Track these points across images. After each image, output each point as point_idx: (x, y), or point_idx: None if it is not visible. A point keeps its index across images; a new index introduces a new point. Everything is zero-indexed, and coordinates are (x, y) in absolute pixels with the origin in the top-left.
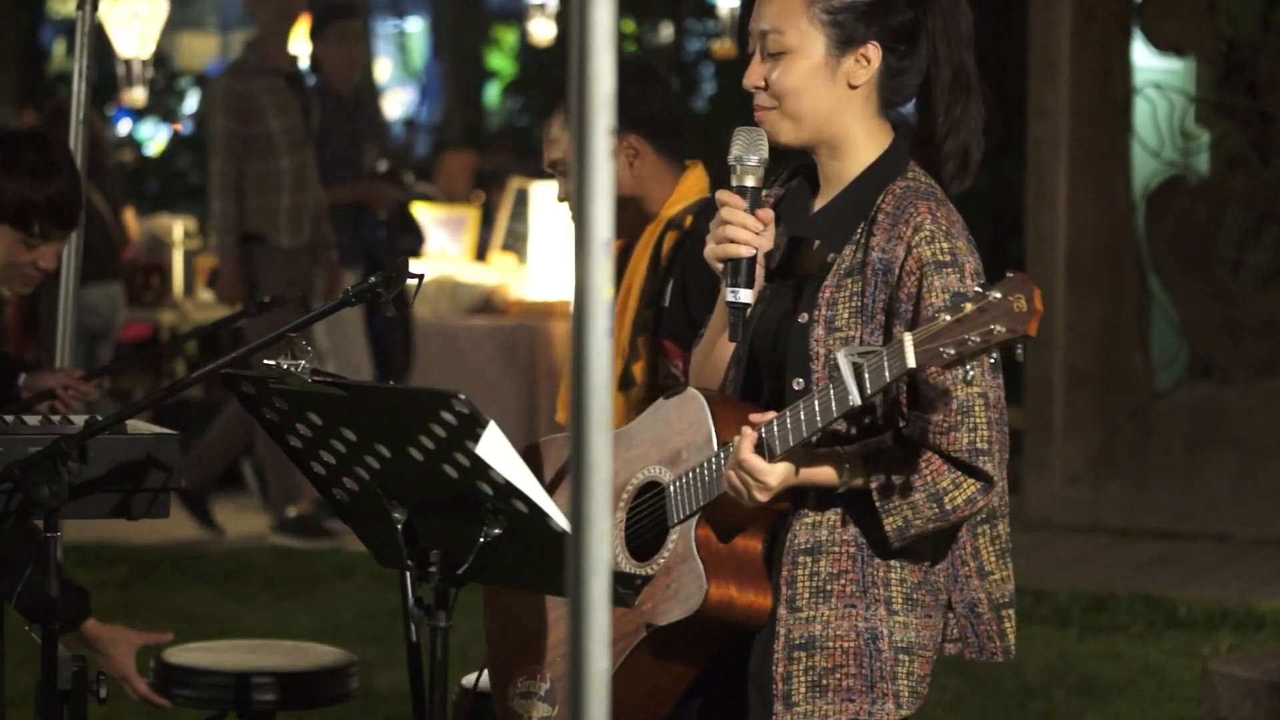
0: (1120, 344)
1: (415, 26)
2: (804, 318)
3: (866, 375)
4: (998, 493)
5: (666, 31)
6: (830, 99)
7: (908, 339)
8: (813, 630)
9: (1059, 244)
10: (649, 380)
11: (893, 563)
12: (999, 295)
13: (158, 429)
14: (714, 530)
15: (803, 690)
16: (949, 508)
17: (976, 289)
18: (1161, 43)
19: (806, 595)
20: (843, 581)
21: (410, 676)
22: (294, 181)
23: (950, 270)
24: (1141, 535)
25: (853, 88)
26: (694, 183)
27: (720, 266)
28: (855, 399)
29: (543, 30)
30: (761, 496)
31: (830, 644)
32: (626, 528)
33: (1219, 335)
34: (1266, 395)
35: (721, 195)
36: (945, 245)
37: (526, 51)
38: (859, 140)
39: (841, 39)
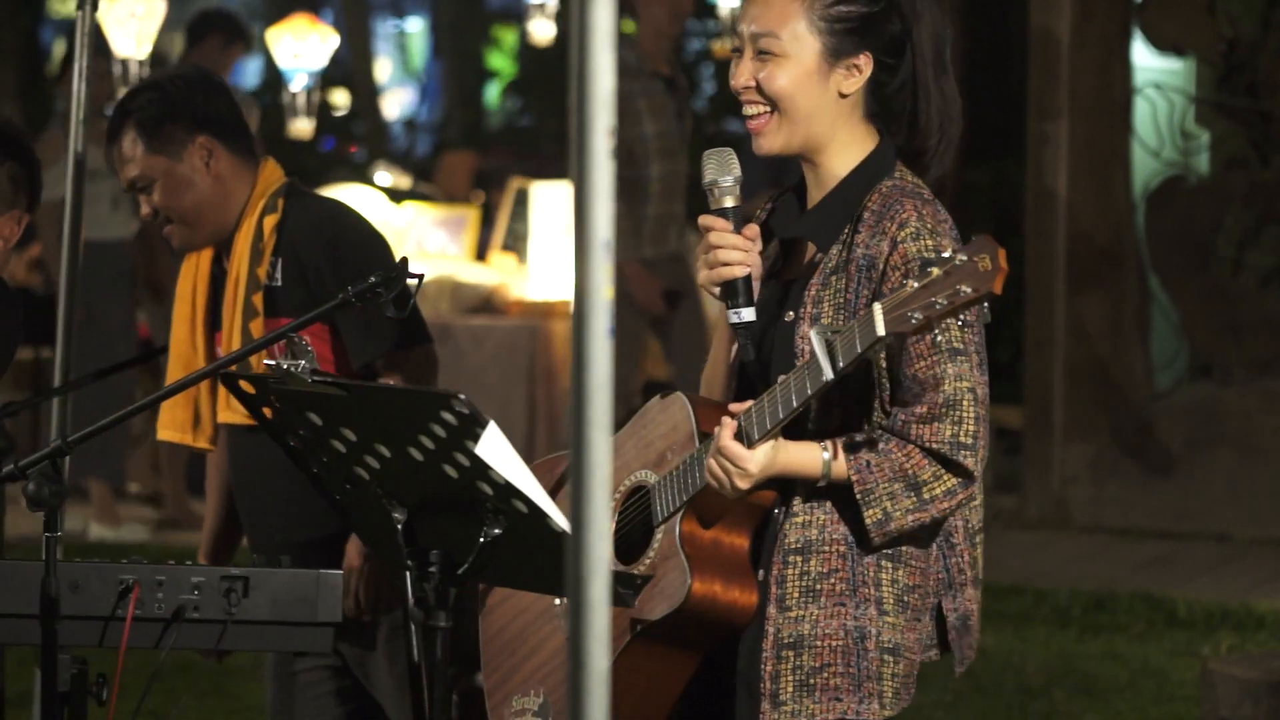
0: (1120, 344)
1: (415, 26)
2: (789, 316)
3: (839, 349)
4: (978, 489)
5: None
6: (820, 105)
7: (877, 308)
8: (801, 629)
9: (1059, 244)
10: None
11: (884, 563)
12: (964, 258)
13: (324, 570)
14: (699, 525)
15: (790, 689)
16: (927, 498)
17: (943, 255)
18: (1161, 43)
19: (796, 594)
20: (833, 580)
21: (409, 676)
22: (663, 190)
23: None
24: (1141, 535)
25: (843, 96)
26: (272, 173)
27: (717, 291)
28: (828, 374)
29: (542, 30)
30: (743, 484)
31: (819, 643)
32: (615, 532)
33: (1219, 335)
34: (1266, 395)
35: (704, 220)
36: (930, 243)
37: (526, 51)
38: (844, 145)
39: (835, 47)
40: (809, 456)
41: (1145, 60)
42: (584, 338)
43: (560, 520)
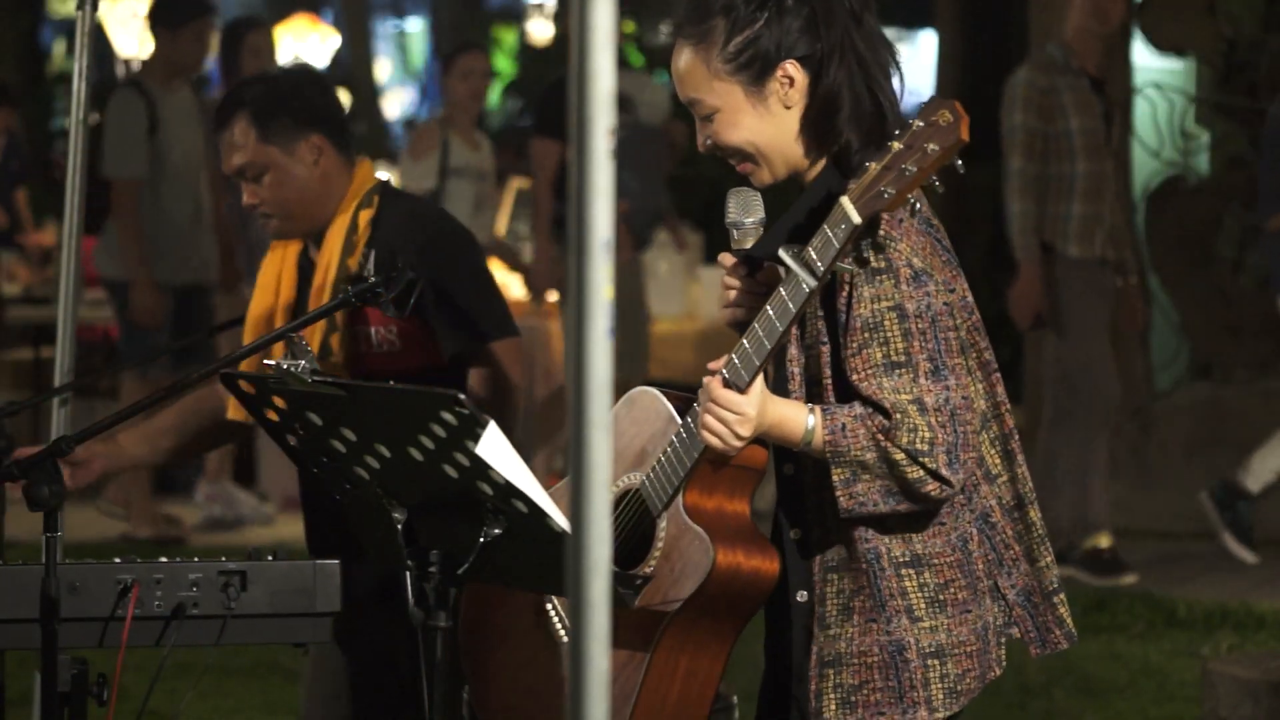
0: (1120, 344)
1: (415, 26)
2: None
3: (813, 255)
4: (954, 487)
5: (666, 31)
6: (778, 131)
7: (845, 200)
8: (839, 647)
9: None
10: (350, 349)
11: (904, 571)
12: (922, 122)
13: (320, 561)
14: (701, 498)
15: (833, 707)
16: (898, 474)
17: (898, 129)
18: (1162, 43)
19: (834, 612)
20: (861, 598)
21: (411, 676)
22: (1088, 188)
23: (885, 277)
24: (1141, 535)
25: (788, 108)
26: (368, 172)
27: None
28: (810, 283)
29: (542, 30)
30: (744, 430)
31: (855, 660)
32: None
33: (1219, 335)
34: (1266, 395)
35: (721, 258)
36: (878, 252)
37: (526, 51)
38: (815, 157)
39: (753, 77)
40: (796, 414)
41: (1145, 60)
42: (584, 338)
43: (560, 520)
